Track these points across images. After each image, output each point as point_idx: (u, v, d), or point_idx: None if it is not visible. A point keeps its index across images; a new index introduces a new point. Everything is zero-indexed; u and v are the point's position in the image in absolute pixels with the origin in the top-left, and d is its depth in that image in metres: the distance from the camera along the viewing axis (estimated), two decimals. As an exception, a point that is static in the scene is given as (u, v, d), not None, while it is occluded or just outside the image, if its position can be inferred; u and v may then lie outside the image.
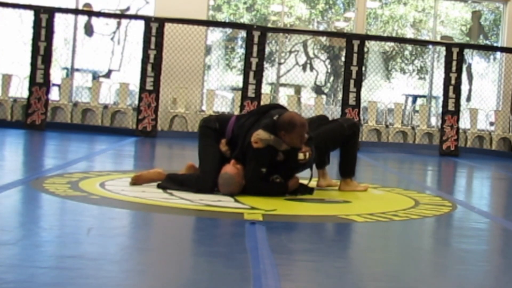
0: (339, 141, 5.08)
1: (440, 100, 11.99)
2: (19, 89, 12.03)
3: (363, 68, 12.00)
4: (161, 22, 11.23)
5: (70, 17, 12.30)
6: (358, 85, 11.50)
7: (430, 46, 13.95)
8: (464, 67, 12.59)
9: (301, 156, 4.44)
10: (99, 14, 12.42)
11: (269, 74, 13.54)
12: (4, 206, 3.74)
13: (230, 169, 4.40)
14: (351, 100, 11.44)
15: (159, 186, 4.58)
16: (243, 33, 12.20)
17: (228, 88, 13.75)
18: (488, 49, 14.01)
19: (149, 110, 11.10)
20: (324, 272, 2.69)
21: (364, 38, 11.88)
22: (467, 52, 13.19)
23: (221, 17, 13.83)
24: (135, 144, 9.65)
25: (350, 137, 5.10)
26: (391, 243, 3.53)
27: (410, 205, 4.57)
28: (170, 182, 4.59)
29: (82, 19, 12.63)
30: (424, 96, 14.34)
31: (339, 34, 13.28)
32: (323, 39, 14.33)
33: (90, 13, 12.46)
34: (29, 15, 11.38)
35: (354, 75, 11.46)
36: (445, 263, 3.03)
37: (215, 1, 13.61)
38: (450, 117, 11.62)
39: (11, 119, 11.53)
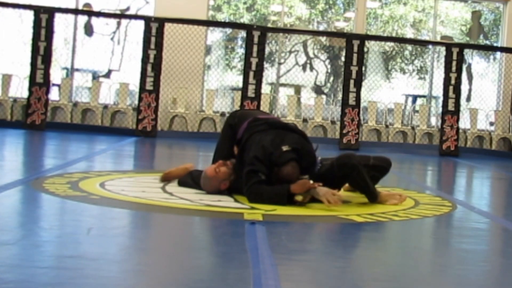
0: (334, 181, 4.41)
1: (440, 100, 11.99)
2: (19, 89, 12.02)
3: (363, 68, 11.99)
4: (161, 22, 11.22)
5: (70, 17, 12.30)
6: (358, 85, 11.50)
7: (430, 46, 13.95)
8: (464, 67, 12.59)
9: (299, 198, 4.21)
10: (99, 14, 12.42)
11: (269, 74, 13.54)
12: (4, 206, 3.74)
13: (209, 170, 4.41)
14: (351, 100, 11.44)
15: (178, 183, 4.74)
16: (243, 33, 12.20)
17: (228, 88, 13.75)
18: (488, 49, 14.01)
19: (149, 110, 11.10)
20: (324, 272, 2.69)
21: (364, 38, 11.88)
22: (467, 52, 13.19)
23: (221, 17, 13.82)
24: (135, 144, 9.64)
25: (344, 178, 4.48)
26: (391, 243, 3.53)
27: (410, 205, 4.57)
28: (187, 178, 4.71)
29: (82, 19, 12.63)
30: (424, 96, 14.34)
31: (339, 34, 13.27)
32: (323, 39, 14.33)
33: (90, 13, 12.46)
34: (29, 15, 11.37)
35: (354, 75, 11.45)
36: (445, 263, 3.03)
37: (215, 1, 13.60)
38: (450, 117, 11.62)
39: (11, 119, 11.52)
